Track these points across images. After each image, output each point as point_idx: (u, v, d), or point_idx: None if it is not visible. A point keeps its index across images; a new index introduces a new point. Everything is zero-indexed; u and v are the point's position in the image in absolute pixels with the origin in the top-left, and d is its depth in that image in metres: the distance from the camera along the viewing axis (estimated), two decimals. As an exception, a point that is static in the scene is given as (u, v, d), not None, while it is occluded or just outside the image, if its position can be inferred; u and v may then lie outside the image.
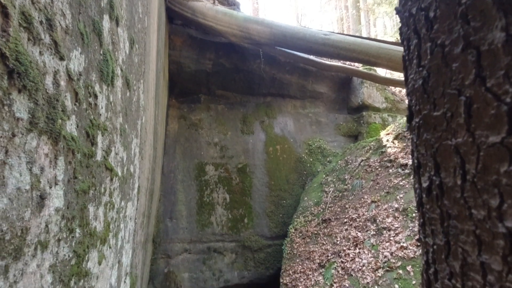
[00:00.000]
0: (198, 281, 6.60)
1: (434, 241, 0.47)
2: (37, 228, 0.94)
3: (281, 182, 7.82)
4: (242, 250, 6.98)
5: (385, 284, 4.56)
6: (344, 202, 6.45)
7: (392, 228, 5.19)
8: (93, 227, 1.58)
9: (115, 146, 2.05)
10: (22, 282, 0.87)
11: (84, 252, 1.42)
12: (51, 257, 1.06)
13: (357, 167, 7.02)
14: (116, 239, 2.24)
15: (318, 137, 8.94)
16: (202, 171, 7.33)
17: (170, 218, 6.73)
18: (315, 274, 5.43)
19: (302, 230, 6.42)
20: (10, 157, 0.78)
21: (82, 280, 1.45)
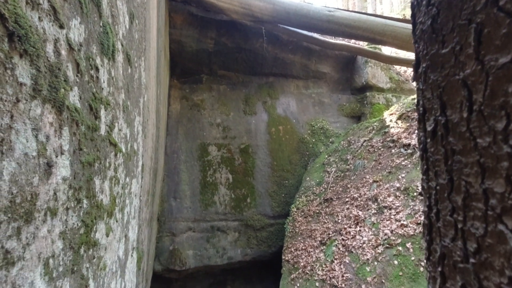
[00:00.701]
0: (202, 258, 6.81)
1: (437, 182, 0.47)
2: (45, 195, 0.96)
3: (284, 163, 7.87)
4: (245, 229, 7.13)
5: (384, 260, 4.68)
6: (346, 182, 6.51)
7: (393, 207, 5.25)
8: (100, 200, 1.61)
9: (118, 122, 2.05)
10: (34, 245, 0.89)
11: (92, 223, 1.46)
12: (61, 224, 1.09)
13: (360, 148, 7.02)
14: (122, 214, 2.29)
15: (320, 118, 8.89)
16: (205, 152, 7.37)
17: (174, 197, 6.85)
18: (316, 251, 5.57)
19: (304, 209, 6.53)
20: (16, 122, 0.79)
21: (91, 250, 1.50)
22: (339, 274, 4.90)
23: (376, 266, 4.67)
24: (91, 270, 1.50)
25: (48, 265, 1.00)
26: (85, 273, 1.40)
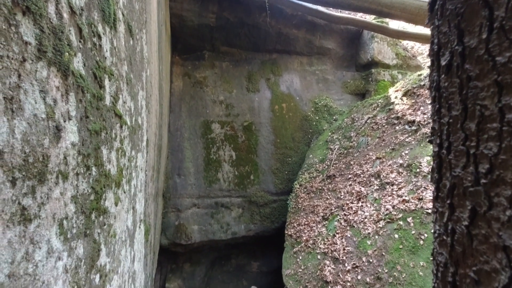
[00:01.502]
0: (207, 233, 7.00)
1: (450, 115, 0.47)
2: (56, 158, 0.97)
3: (287, 140, 7.88)
4: (249, 205, 7.27)
5: (385, 234, 4.79)
6: (349, 159, 6.53)
7: (395, 183, 5.30)
8: (107, 169, 1.64)
9: (122, 94, 2.04)
10: (48, 205, 0.92)
11: (101, 191, 1.49)
12: (72, 189, 1.12)
13: (363, 125, 6.98)
14: (129, 186, 2.33)
15: (324, 95, 8.79)
16: (208, 129, 7.37)
17: (178, 174, 6.94)
18: (318, 226, 5.70)
19: (307, 186, 6.61)
20: (24, 82, 0.78)
21: (102, 217, 1.54)
22: (340, 248, 5.04)
23: (377, 239, 4.79)
24: (102, 236, 1.55)
25: (62, 226, 1.03)
26: (97, 238, 1.45)
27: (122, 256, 2.11)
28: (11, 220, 0.73)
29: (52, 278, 0.95)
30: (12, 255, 0.73)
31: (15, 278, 0.74)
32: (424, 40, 7.78)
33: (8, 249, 0.72)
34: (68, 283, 1.08)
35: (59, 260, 1.00)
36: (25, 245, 0.80)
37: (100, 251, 1.51)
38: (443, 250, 0.46)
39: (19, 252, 0.77)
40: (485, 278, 0.36)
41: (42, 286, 0.88)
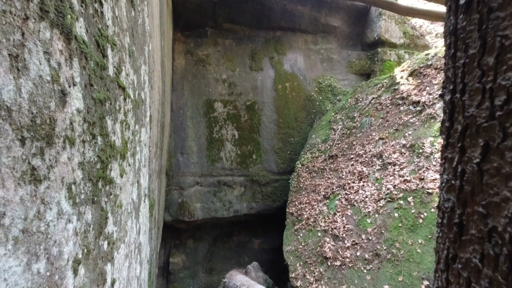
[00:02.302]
0: (209, 210, 7.14)
1: (466, 54, 0.46)
2: (62, 123, 0.97)
3: (290, 120, 7.85)
4: (251, 184, 7.36)
5: (385, 213, 4.86)
6: (351, 139, 6.52)
7: (397, 163, 5.32)
8: (112, 141, 1.65)
9: (125, 66, 2.02)
10: (57, 169, 0.93)
11: (107, 160, 1.51)
12: (79, 155, 1.13)
13: (367, 105, 6.91)
14: (134, 160, 2.35)
15: (328, 75, 8.64)
16: (211, 108, 7.34)
17: (181, 153, 6.99)
18: (319, 205, 5.79)
19: (309, 166, 6.65)
20: (27, 41, 0.77)
21: (108, 186, 1.56)
22: (340, 225, 5.14)
23: (377, 218, 4.87)
24: (109, 205, 1.59)
25: (71, 190, 1.05)
26: (104, 206, 1.48)
27: (128, 227, 2.16)
28: (22, 178, 0.74)
29: (63, 238, 0.98)
30: (25, 212, 0.75)
31: (28, 233, 0.76)
32: (433, 17, 7.54)
33: (20, 206, 0.74)
34: (78, 245, 1.12)
35: (69, 223, 1.03)
36: (36, 204, 0.81)
37: (108, 219, 1.55)
38: (450, 195, 0.47)
39: (31, 210, 0.79)
40: (494, 209, 0.37)
41: (54, 245, 0.91)
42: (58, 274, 0.94)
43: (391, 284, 4.13)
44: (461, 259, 0.42)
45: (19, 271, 0.72)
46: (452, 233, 0.45)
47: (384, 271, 4.28)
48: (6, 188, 0.68)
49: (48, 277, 0.87)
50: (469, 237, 0.41)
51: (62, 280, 0.96)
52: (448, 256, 0.47)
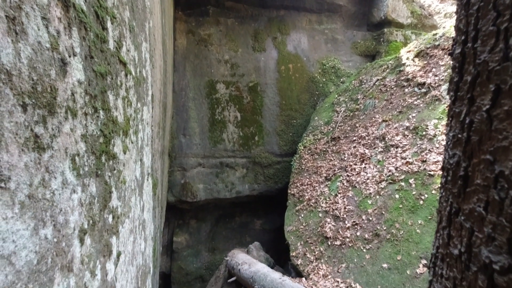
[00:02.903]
0: (212, 191, 7.23)
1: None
2: (64, 93, 0.96)
3: (292, 102, 7.78)
4: (253, 166, 7.41)
5: (386, 195, 4.90)
6: (354, 121, 6.48)
7: (400, 146, 5.30)
8: (115, 116, 1.64)
9: (125, 41, 1.98)
10: (60, 139, 0.93)
11: (109, 135, 1.51)
12: (81, 128, 1.13)
13: (371, 87, 6.82)
14: (136, 137, 2.36)
15: (333, 56, 8.48)
16: (213, 89, 7.27)
17: (184, 134, 7.00)
18: (321, 186, 5.84)
19: (311, 148, 6.65)
20: (24, 4, 0.75)
21: (111, 161, 1.57)
22: (341, 206, 5.20)
23: (378, 199, 4.91)
24: (113, 180, 1.60)
25: (75, 162, 1.06)
26: (108, 180, 1.49)
27: (132, 203, 2.20)
28: (25, 145, 0.75)
29: (68, 208, 0.99)
30: (29, 179, 0.76)
31: (34, 199, 0.77)
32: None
33: (25, 172, 0.74)
34: (83, 216, 1.14)
35: (74, 193, 1.04)
36: (41, 172, 0.82)
37: (112, 193, 1.57)
38: (456, 150, 0.46)
39: (36, 177, 0.79)
40: (502, 154, 0.36)
41: (60, 213, 0.92)
42: (65, 242, 0.96)
43: (389, 263, 4.23)
44: (464, 210, 0.42)
45: (26, 235, 0.73)
46: (456, 187, 0.45)
47: (383, 251, 4.37)
48: (10, 153, 0.68)
49: (56, 243, 0.89)
50: (474, 188, 0.40)
51: (69, 248, 0.99)
52: (451, 211, 0.47)
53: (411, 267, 4.02)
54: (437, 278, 0.50)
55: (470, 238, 0.40)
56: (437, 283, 0.50)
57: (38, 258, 0.79)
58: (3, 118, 0.65)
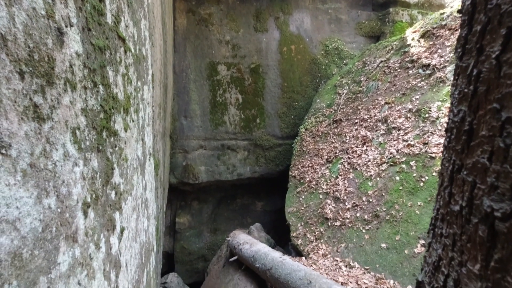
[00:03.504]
0: (213, 173, 7.29)
1: None
2: (62, 64, 0.95)
3: (294, 84, 7.68)
4: (254, 148, 7.42)
5: (387, 177, 4.92)
6: (356, 103, 6.42)
7: (402, 128, 5.28)
8: (115, 93, 1.62)
9: (124, 16, 1.93)
10: (60, 111, 0.93)
11: (110, 111, 1.50)
12: (81, 101, 1.12)
13: (375, 69, 6.70)
14: (137, 116, 2.35)
15: (336, 37, 8.29)
16: (214, 71, 7.17)
17: (185, 116, 6.97)
18: (322, 168, 5.86)
19: (313, 130, 6.63)
20: (17, -33, 0.72)
21: (112, 138, 1.57)
22: (342, 188, 5.25)
23: (378, 181, 4.94)
24: (114, 156, 1.61)
25: (75, 135, 1.05)
26: (109, 157, 1.50)
27: (135, 181, 2.22)
28: (25, 113, 0.74)
29: (71, 180, 1.00)
30: (31, 148, 0.76)
31: (36, 169, 0.78)
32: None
33: (26, 141, 0.74)
34: (86, 190, 1.15)
35: (76, 166, 1.05)
36: (42, 142, 0.82)
37: (114, 170, 1.58)
38: (461, 105, 0.45)
39: (37, 147, 0.79)
40: (510, 99, 0.35)
41: (63, 185, 0.93)
42: (69, 213, 0.97)
43: (388, 243, 4.31)
44: (467, 165, 0.42)
45: (30, 203, 0.74)
46: (460, 143, 0.44)
47: (382, 231, 4.44)
48: (10, 121, 0.68)
49: (59, 213, 0.90)
50: (478, 140, 0.40)
51: (73, 219, 1.00)
52: (453, 169, 0.46)
53: (409, 247, 4.10)
54: (436, 239, 0.51)
55: (472, 191, 0.40)
56: (436, 243, 0.50)
57: (43, 226, 0.80)
58: (0, 84, 0.65)
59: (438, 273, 0.46)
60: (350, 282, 3.90)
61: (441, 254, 0.47)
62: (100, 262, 1.30)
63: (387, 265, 4.12)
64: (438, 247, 0.49)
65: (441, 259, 0.46)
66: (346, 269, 4.25)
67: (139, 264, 2.41)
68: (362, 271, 4.17)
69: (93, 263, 1.21)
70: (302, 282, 3.69)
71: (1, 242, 0.63)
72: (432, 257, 0.51)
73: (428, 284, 0.50)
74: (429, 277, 0.51)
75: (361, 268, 4.24)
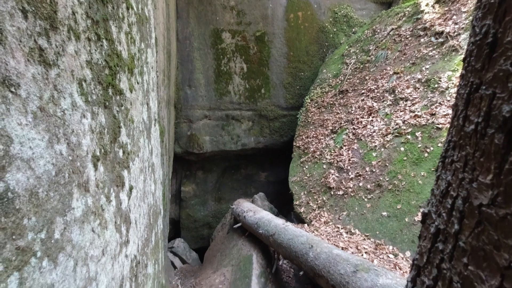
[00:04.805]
0: (218, 143, 7.34)
1: None
2: (64, 10, 0.92)
3: (301, 54, 7.47)
4: (259, 119, 7.39)
5: (391, 147, 4.92)
6: (364, 74, 6.27)
7: (409, 99, 5.18)
8: (119, 50, 1.59)
9: (125, -30, 1.84)
10: (65, 59, 0.91)
11: (114, 68, 1.48)
12: (86, 53, 1.10)
13: (385, 37, 6.45)
14: (141, 79, 2.32)
15: (345, 3, 7.90)
16: (219, 39, 6.96)
17: (189, 86, 6.89)
18: (326, 139, 5.86)
19: (318, 101, 6.55)
20: None
21: (118, 96, 1.56)
22: (346, 158, 5.27)
23: (382, 152, 4.94)
24: (121, 116, 1.61)
25: (82, 87, 1.05)
26: (116, 115, 1.50)
27: (141, 144, 2.24)
28: (30, 55, 0.73)
29: (80, 131, 1.01)
30: (39, 91, 0.76)
31: (46, 113, 0.78)
32: None
33: (34, 84, 0.74)
34: (95, 143, 1.16)
35: (84, 118, 1.05)
36: (49, 88, 0.82)
37: (121, 129, 1.59)
38: (485, 20, 0.43)
39: (45, 92, 0.79)
40: None
41: (72, 134, 0.94)
42: (80, 162, 0.99)
43: (389, 211, 4.40)
44: (487, 79, 0.41)
45: (42, 145, 0.75)
46: (481, 60, 0.43)
47: (383, 200, 4.51)
48: (17, 60, 0.67)
49: (71, 161, 0.92)
50: (502, 48, 0.38)
51: (84, 169, 1.03)
52: (470, 91, 0.45)
53: (410, 215, 4.18)
54: (446, 168, 0.51)
55: (490, 104, 0.39)
56: (446, 173, 0.51)
57: (56, 171, 0.82)
58: (4, 20, 0.63)
59: (446, 198, 0.47)
60: (350, 247, 4.04)
61: (450, 180, 0.47)
62: (111, 214, 1.35)
63: (387, 232, 4.23)
64: (447, 174, 0.49)
65: (450, 184, 0.47)
66: (347, 236, 4.38)
67: (148, 224, 2.51)
68: (362, 238, 4.30)
69: (105, 214, 1.25)
70: (304, 247, 3.84)
71: (18, 178, 0.65)
72: (440, 187, 0.52)
73: (435, 212, 0.51)
74: (436, 205, 0.52)
75: (362, 234, 4.37)
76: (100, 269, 1.18)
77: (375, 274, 2.90)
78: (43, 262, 0.74)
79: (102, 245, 1.21)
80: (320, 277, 3.35)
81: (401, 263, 3.60)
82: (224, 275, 5.11)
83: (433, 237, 0.50)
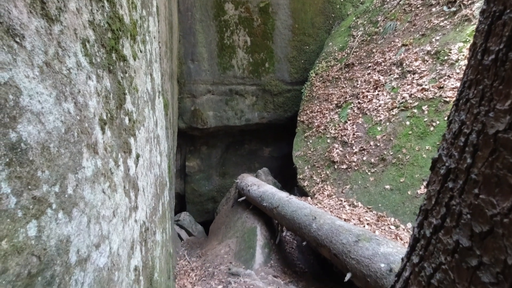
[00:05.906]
0: (222, 118, 7.32)
1: None
2: (64, -37, 0.88)
3: (306, 26, 7.23)
4: (262, 94, 7.30)
5: (396, 121, 4.87)
6: (371, 46, 6.09)
7: (417, 72, 5.06)
8: (120, 14, 1.55)
9: None
10: (67, 15, 0.89)
11: (117, 32, 1.44)
12: (88, 13, 1.07)
13: (395, 7, 6.20)
14: (144, 48, 2.28)
15: (354, -29, 7.52)
16: (221, 10, 6.73)
17: (192, 60, 6.77)
18: (331, 113, 5.81)
19: (323, 75, 6.42)
20: None
21: (122, 63, 1.54)
22: (350, 133, 5.25)
23: (387, 126, 4.91)
24: (125, 83, 1.60)
25: (86, 47, 1.03)
26: (121, 81, 1.49)
27: (146, 114, 2.24)
28: (32, 6, 0.71)
29: (86, 92, 1.00)
30: (44, 46, 0.75)
31: (52, 70, 0.77)
32: None
33: (38, 37, 0.72)
34: (102, 107, 1.16)
35: (89, 80, 1.04)
36: (54, 44, 0.80)
37: (126, 96, 1.58)
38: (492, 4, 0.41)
39: (49, 48, 0.78)
40: None
41: (79, 94, 0.94)
42: (88, 123, 1.00)
43: (392, 185, 4.44)
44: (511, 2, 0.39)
45: (51, 101, 0.75)
46: None
47: (387, 173, 4.54)
48: (19, 10, 0.66)
49: (79, 121, 0.92)
50: None
51: (92, 130, 1.03)
52: (492, 20, 0.44)
53: (413, 188, 4.22)
54: (460, 109, 0.50)
55: None
56: (459, 114, 0.50)
57: (65, 128, 0.83)
58: (4, -35, 0.61)
59: (459, 137, 0.47)
60: (352, 219, 4.12)
61: (464, 119, 0.47)
62: (120, 179, 1.38)
63: (389, 205, 4.30)
64: (461, 115, 0.49)
65: (464, 123, 0.47)
66: (350, 208, 4.47)
67: (155, 193, 2.56)
68: (364, 210, 4.38)
69: (114, 178, 1.28)
70: (307, 218, 3.93)
71: (30, 130, 0.66)
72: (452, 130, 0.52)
73: (446, 155, 0.52)
74: (447, 148, 0.52)
75: (364, 207, 4.45)
76: (112, 229, 1.22)
77: (377, 243, 2.98)
78: (58, 214, 0.76)
79: (113, 206, 1.24)
80: (323, 246, 3.46)
81: (402, 234, 3.68)
82: (229, 246, 5.29)
83: (443, 178, 0.50)
